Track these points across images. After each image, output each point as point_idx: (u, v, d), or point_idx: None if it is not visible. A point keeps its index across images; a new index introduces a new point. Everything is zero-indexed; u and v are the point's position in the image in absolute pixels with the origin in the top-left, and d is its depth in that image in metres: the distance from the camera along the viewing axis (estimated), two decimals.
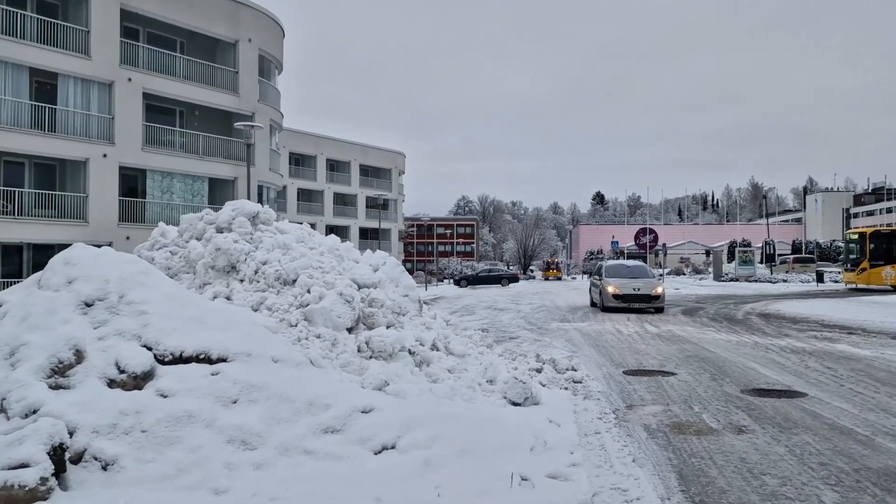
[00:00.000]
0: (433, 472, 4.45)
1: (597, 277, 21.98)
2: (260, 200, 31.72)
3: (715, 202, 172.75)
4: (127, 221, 25.48)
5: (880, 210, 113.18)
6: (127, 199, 25.77)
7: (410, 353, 6.57)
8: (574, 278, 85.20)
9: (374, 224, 68.06)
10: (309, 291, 6.40)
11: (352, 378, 5.66)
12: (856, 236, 33.66)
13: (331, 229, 63.58)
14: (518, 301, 27.59)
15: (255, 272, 6.66)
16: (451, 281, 54.66)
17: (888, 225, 77.73)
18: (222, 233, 7.08)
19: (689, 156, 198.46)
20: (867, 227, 41.14)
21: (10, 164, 23.59)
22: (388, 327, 7.18)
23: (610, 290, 19.39)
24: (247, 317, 5.89)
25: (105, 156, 24.68)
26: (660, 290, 19.53)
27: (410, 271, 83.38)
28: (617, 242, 70.96)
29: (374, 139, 69.16)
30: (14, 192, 22.70)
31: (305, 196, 61.28)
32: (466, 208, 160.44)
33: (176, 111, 29.00)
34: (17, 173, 23.85)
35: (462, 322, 17.34)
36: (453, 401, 5.98)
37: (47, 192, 23.77)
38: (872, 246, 32.01)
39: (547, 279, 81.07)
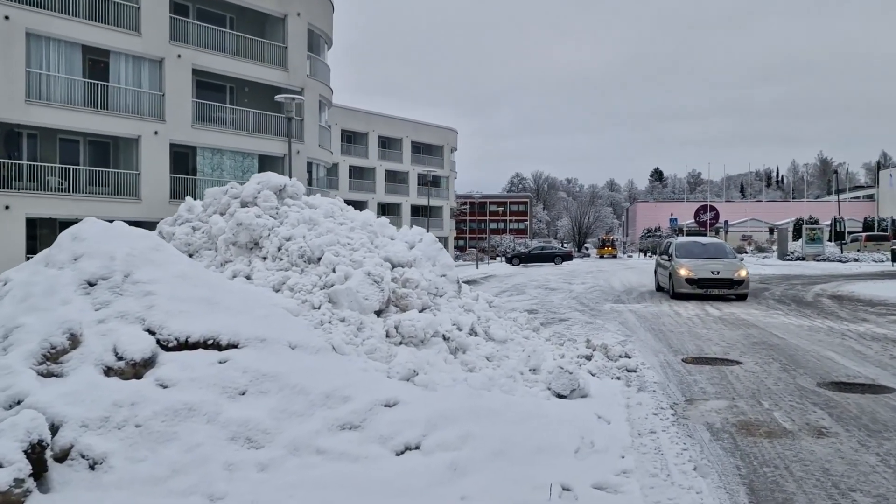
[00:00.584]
0: (460, 479, 3.88)
1: (664, 257, 18.69)
2: (309, 177, 31.61)
3: (780, 178, 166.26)
4: (178, 199, 25.48)
5: None
6: (178, 176, 25.90)
7: (445, 338, 5.99)
8: (630, 256, 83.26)
9: (426, 201, 67.73)
10: (335, 271, 5.88)
11: (377, 366, 5.12)
12: None
13: (383, 207, 63.51)
14: (571, 280, 26.74)
15: (279, 249, 6.18)
16: (504, 259, 53.91)
17: None
18: (246, 207, 6.63)
19: (752, 130, 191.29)
20: None
21: (65, 141, 23.94)
22: (422, 310, 6.62)
23: (682, 272, 16.38)
24: (266, 298, 5.41)
25: (156, 133, 24.80)
26: (744, 273, 16.40)
27: (463, 248, 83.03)
28: (676, 220, 68.92)
29: (427, 117, 68.57)
30: (69, 169, 23.04)
31: (357, 174, 61.28)
32: (520, 185, 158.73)
33: (226, 87, 28.98)
34: (72, 151, 24.21)
35: (510, 302, 16.73)
36: (490, 392, 5.39)
37: (101, 169, 24.06)
38: None
39: (602, 257, 79.50)
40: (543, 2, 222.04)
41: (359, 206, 44.07)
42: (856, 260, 42.45)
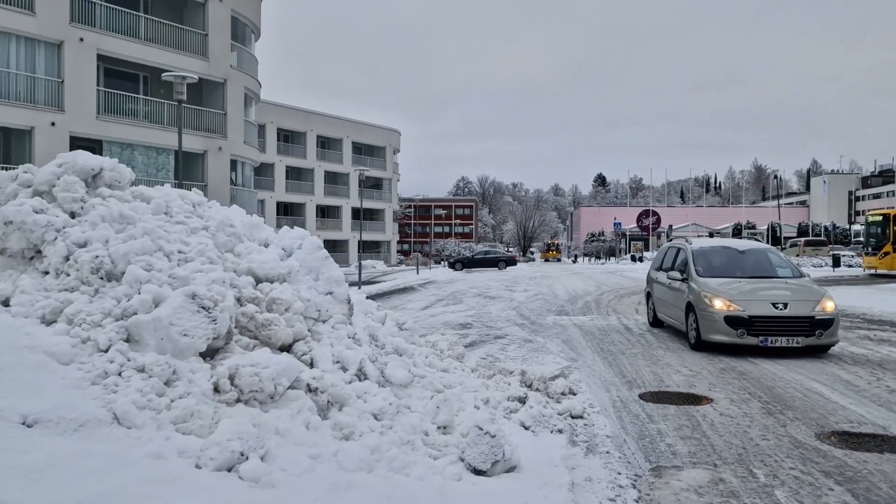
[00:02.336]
0: None
1: (675, 275, 10.63)
2: (234, 175, 29.27)
3: (718, 185, 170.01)
4: None
5: (887, 193, 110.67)
6: None
7: (310, 389, 4.17)
8: (574, 261, 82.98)
9: (367, 204, 65.58)
10: (140, 292, 3.99)
11: (188, 446, 3.28)
12: (878, 218, 31.17)
13: (322, 209, 61.14)
14: (513, 287, 25.20)
15: (66, 259, 4.25)
16: (446, 264, 52.28)
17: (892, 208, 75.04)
18: (41, 198, 4.69)
19: (692, 137, 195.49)
20: (889, 208, 38.64)
21: None
22: (294, 342, 4.78)
23: (719, 306, 9.04)
24: (20, 337, 3.51)
25: (53, 124, 22.16)
26: (830, 306, 9.15)
27: (407, 253, 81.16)
28: (619, 224, 68.60)
29: (375, 119, 66.51)
30: None
31: (295, 174, 58.78)
32: (466, 189, 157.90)
33: (139, 76, 26.41)
34: None
35: (444, 314, 15.00)
36: (372, 473, 3.60)
37: None
38: None
39: (547, 260, 79.07)
40: (490, 8, 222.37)
41: (296, 208, 41.74)
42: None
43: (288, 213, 58.73)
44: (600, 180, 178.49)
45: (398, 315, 7.24)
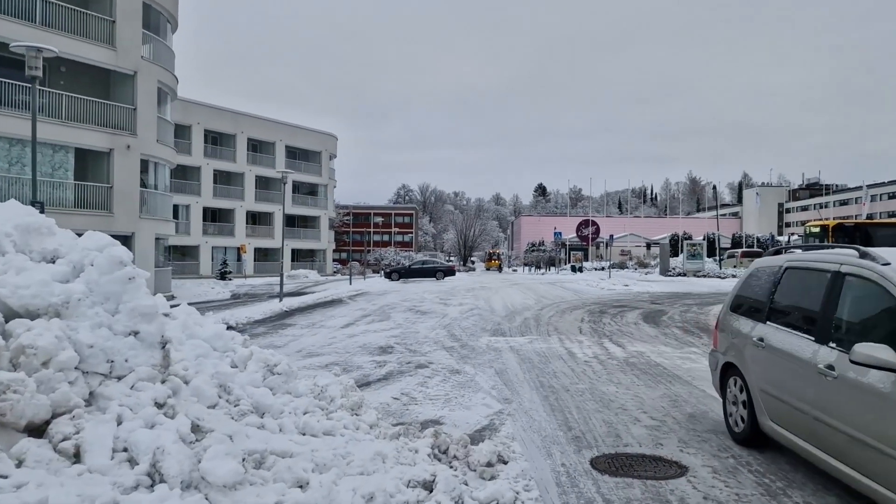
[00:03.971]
0: None
1: (790, 331, 4.85)
2: (146, 177, 26.73)
3: (654, 195, 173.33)
4: None
5: (814, 206, 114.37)
6: None
7: None
8: (515, 270, 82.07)
9: (301, 210, 63.03)
10: None
11: None
12: (817, 230, 30.88)
13: (253, 216, 58.31)
14: (448, 300, 23.54)
15: None
16: (382, 273, 50.36)
17: (826, 219, 76.83)
18: None
19: (630, 149, 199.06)
20: (828, 220, 38.79)
21: None
22: (52, 418, 2.95)
23: None
24: None
25: None
26: None
27: (344, 262, 78.82)
28: (560, 234, 67.97)
29: (314, 124, 64.08)
30: None
31: (224, 178, 55.87)
32: (407, 197, 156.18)
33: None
34: None
35: (365, 334, 13.18)
36: None
37: None
38: (836, 240, 29.31)
39: (489, 269, 78.04)
40: (433, 17, 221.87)
41: (225, 214, 38.78)
42: (734, 276, 42.08)
43: (216, 219, 55.72)
44: (541, 190, 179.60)
45: (269, 354, 5.38)
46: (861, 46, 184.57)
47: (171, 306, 5.49)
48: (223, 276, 43.42)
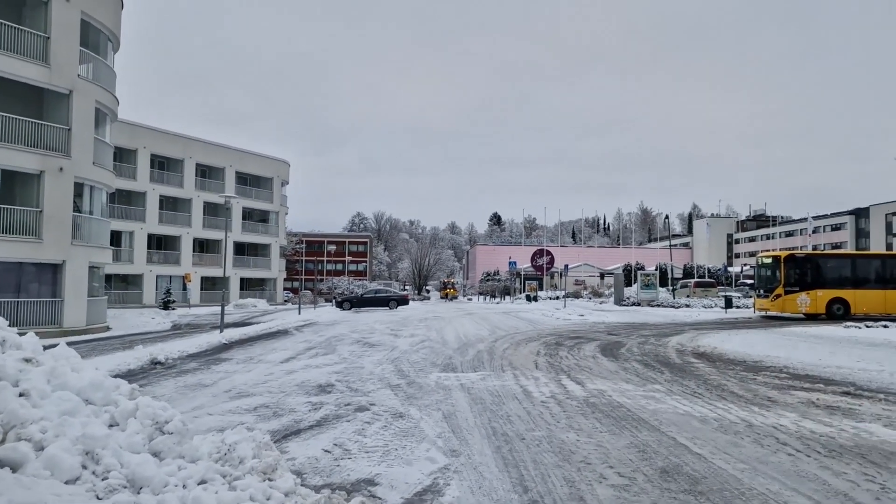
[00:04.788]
0: None
1: None
2: (80, 202, 25.22)
3: (607, 225, 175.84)
4: None
5: (761, 236, 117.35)
6: None
7: None
8: (470, 300, 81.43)
9: (252, 238, 61.37)
10: None
11: None
12: (769, 260, 31.06)
13: (200, 243, 56.43)
14: (399, 331, 22.60)
15: None
16: (334, 302, 49.01)
17: (771, 249, 78.76)
18: None
19: (583, 179, 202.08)
20: (781, 250, 39.21)
21: None
22: None
23: None
24: None
25: None
26: None
27: (295, 290, 77.03)
28: (515, 263, 67.73)
29: (267, 150, 62.39)
30: None
31: (170, 204, 54.03)
32: (361, 225, 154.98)
33: None
34: None
35: (306, 370, 12.18)
36: None
37: None
38: (787, 271, 29.44)
39: (444, 298, 77.30)
40: (388, 46, 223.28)
41: (171, 241, 37.19)
42: (687, 306, 42.24)
43: (161, 246, 53.74)
44: (496, 219, 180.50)
45: (160, 408, 4.42)
46: (800, 84, 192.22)
47: (46, 347, 4.50)
48: (166, 305, 41.53)
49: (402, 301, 45.36)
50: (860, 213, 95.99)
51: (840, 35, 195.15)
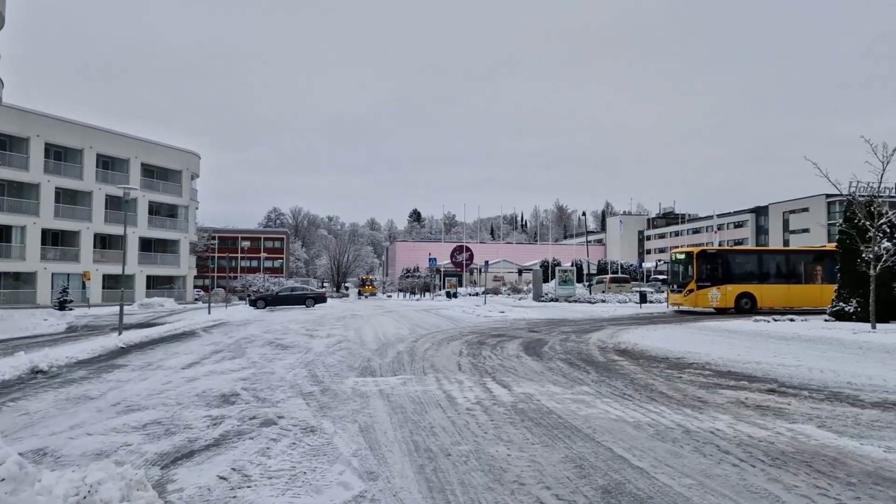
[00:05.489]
0: None
1: None
2: None
3: (524, 222, 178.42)
4: None
5: (670, 233, 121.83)
6: None
7: None
8: (389, 296, 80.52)
9: (159, 234, 58.35)
10: None
11: None
12: (682, 256, 31.75)
13: (102, 239, 53.11)
14: (315, 330, 21.60)
15: None
16: (247, 301, 47.13)
17: (679, 246, 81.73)
18: None
19: (501, 177, 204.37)
20: (693, 246, 40.26)
21: None
22: None
23: None
24: None
25: None
26: None
27: (207, 288, 74.06)
28: (434, 260, 67.37)
29: (184, 145, 58.94)
30: None
31: (69, 197, 50.60)
32: (278, 221, 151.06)
33: None
34: None
35: (209, 377, 11.15)
36: None
37: None
38: (699, 266, 30.16)
39: (361, 296, 76.07)
40: (306, 40, 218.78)
41: (69, 237, 34.29)
42: (604, 301, 42.90)
43: (58, 242, 50.22)
44: (416, 216, 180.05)
45: None
46: (708, 89, 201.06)
47: None
48: (62, 305, 38.68)
49: (320, 299, 44.11)
50: (760, 211, 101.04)
51: (746, 44, 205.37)
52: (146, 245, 57.52)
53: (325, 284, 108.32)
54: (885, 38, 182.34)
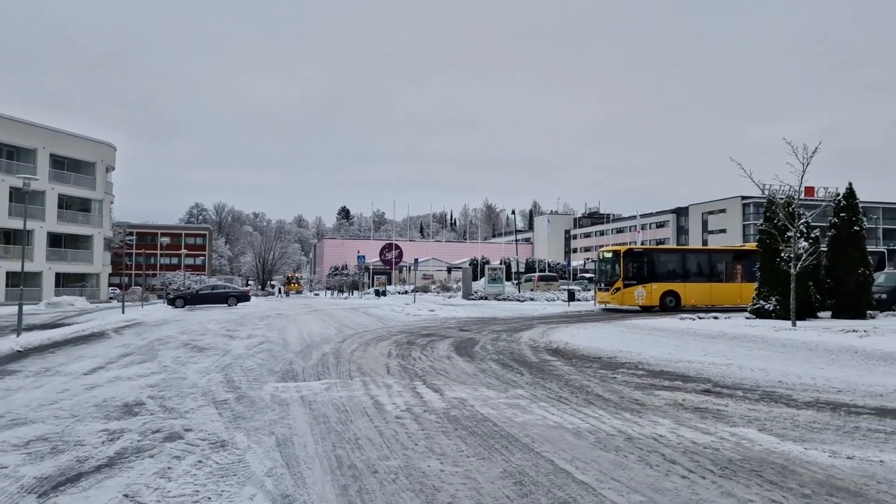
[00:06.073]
0: None
1: None
2: None
3: (454, 221, 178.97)
4: None
5: (595, 232, 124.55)
6: None
7: None
8: (317, 294, 78.90)
9: (71, 229, 55.09)
10: None
11: None
12: (610, 255, 32.07)
13: (6, 233, 49.71)
14: (236, 331, 20.55)
15: None
16: (165, 300, 45.00)
17: (604, 245, 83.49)
18: None
19: (431, 175, 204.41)
20: (620, 245, 40.83)
21: None
22: None
23: None
24: None
25: None
26: None
27: (124, 287, 70.45)
28: (363, 257, 66.36)
29: (94, 135, 55.30)
30: None
31: None
32: (201, 217, 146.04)
33: None
34: None
35: (114, 384, 10.16)
36: None
37: None
38: (626, 265, 30.49)
39: (288, 294, 74.28)
40: (231, 33, 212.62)
41: None
42: (532, 300, 43.08)
43: None
44: (344, 213, 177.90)
45: None
46: (632, 93, 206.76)
47: None
48: None
49: (243, 297, 42.55)
50: (681, 212, 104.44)
51: (666, 52, 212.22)
52: (56, 241, 54.21)
53: (250, 282, 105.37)
54: (798, 51, 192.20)
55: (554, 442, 6.19)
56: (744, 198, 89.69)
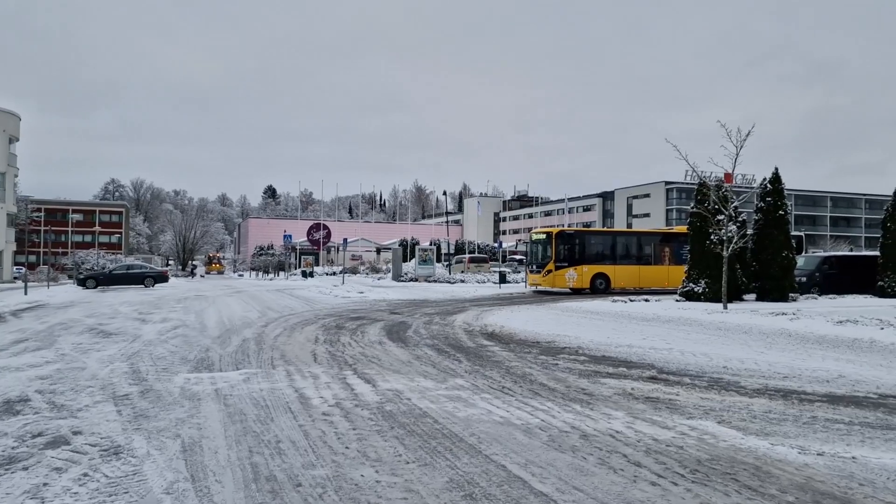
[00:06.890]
0: None
1: None
2: None
3: (383, 202, 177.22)
4: None
5: (524, 215, 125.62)
6: None
7: None
8: (241, 275, 76.30)
9: None
10: None
11: None
12: (542, 236, 31.86)
13: None
14: (149, 314, 19.11)
15: None
16: (75, 281, 42.26)
17: (533, 227, 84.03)
18: None
19: (360, 155, 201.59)
20: (552, 227, 40.76)
21: None
22: None
23: None
24: None
25: None
26: None
27: (33, 266, 66.04)
28: (290, 237, 64.37)
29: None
30: None
31: None
32: (117, 194, 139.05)
33: None
34: None
35: (3, 371, 8.90)
36: None
37: None
38: (558, 247, 30.32)
39: (194, 274, 71.56)
40: (149, 2, 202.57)
41: None
42: (463, 281, 42.74)
43: None
44: (270, 192, 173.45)
45: None
46: (558, 78, 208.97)
47: None
48: None
49: (161, 278, 40.38)
50: (607, 196, 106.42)
51: (592, 38, 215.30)
52: None
53: (170, 262, 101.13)
54: (718, 42, 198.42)
55: (503, 442, 5.52)
56: (667, 183, 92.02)
